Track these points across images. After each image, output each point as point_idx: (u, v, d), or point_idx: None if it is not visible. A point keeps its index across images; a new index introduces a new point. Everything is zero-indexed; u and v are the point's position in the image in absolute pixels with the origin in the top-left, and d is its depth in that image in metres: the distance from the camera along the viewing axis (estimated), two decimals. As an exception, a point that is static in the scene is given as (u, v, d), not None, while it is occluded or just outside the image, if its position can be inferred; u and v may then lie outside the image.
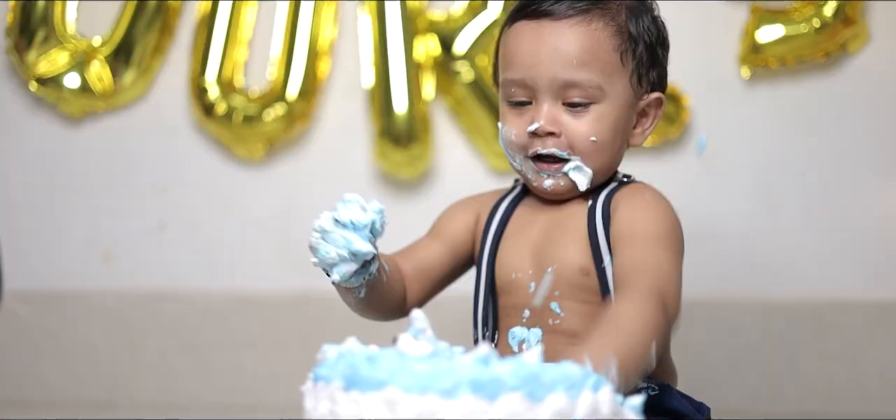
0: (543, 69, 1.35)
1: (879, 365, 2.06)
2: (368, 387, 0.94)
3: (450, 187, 2.11)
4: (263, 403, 2.11)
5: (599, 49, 1.36)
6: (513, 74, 1.38)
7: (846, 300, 2.08)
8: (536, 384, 0.93)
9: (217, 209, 2.20)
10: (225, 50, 2.14)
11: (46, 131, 2.21)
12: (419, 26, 2.11)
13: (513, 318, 1.39)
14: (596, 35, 1.36)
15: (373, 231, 1.27)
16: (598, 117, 1.36)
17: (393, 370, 0.94)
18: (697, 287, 2.07)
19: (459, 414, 0.91)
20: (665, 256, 1.31)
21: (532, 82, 1.36)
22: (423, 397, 0.92)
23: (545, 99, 1.36)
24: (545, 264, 1.37)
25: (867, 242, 2.10)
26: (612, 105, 1.37)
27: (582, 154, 1.36)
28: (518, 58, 1.38)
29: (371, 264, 1.29)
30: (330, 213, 1.26)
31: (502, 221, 1.44)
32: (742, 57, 2.07)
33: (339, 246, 1.25)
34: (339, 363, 0.98)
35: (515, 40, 1.39)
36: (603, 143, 1.37)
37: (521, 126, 1.38)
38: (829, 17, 2.03)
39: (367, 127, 2.15)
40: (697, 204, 2.10)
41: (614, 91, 1.37)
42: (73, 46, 2.15)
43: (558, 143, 1.36)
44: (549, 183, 1.38)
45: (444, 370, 0.93)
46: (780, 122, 2.11)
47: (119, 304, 2.19)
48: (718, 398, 2.05)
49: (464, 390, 0.92)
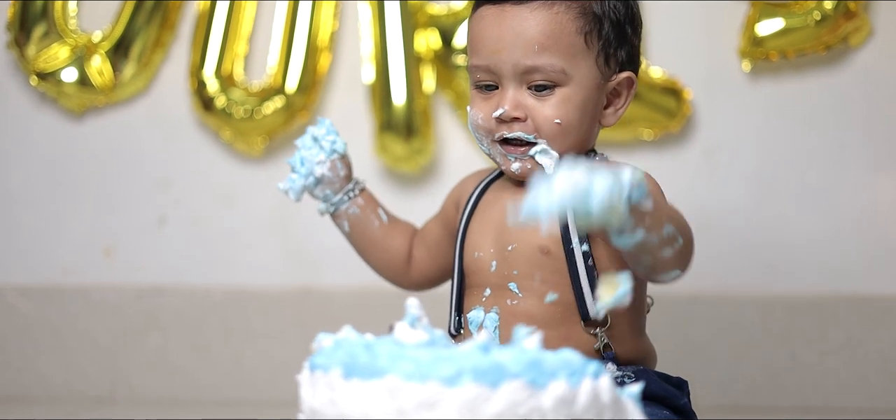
0: (506, 55, 1.36)
1: (880, 359, 2.06)
2: (369, 375, 0.94)
3: (452, 181, 2.07)
4: (264, 397, 2.12)
5: (562, 32, 1.36)
6: (478, 60, 1.39)
7: (847, 294, 2.08)
8: (538, 371, 0.93)
9: (217, 204, 2.21)
10: (224, 44, 2.14)
11: (47, 126, 2.22)
12: (419, 20, 2.11)
13: (475, 297, 1.41)
14: (558, 18, 1.36)
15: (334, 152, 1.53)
16: (563, 100, 1.36)
17: (393, 358, 0.94)
18: (698, 281, 2.07)
19: (461, 401, 0.91)
20: (668, 206, 1.34)
21: (496, 68, 1.37)
22: (425, 385, 0.91)
23: (509, 84, 1.37)
24: (506, 243, 1.38)
25: (868, 236, 2.10)
26: (578, 87, 1.37)
27: (548, 137, 1.37)
28: (482, 43, 1.39)
29: (328, 188, 1.55)
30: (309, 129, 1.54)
31: (474, 203, 1.46)
32: (743, 50, 2.07)
33: (291, 160, 1.53)
34: (336, 352, 0.98)
35: (479, 25, 1.40)
36: (569, 126, 1.37)
37: (487, 110, 1.39)
38: (830, 11, 2.02)
39: (368, 121, 2.15)
40: (698, 197, 2.11)
41: (579, 73, 1.37)
42: (74, 41, 2.16)
43: (524, 127, 1.37)
44: (517, 166, 1.39)
45: (445, 357, 0.93)
46: (780, 116, 2.11)
47: (120, 298, 2.19)
48: (720, 392, 2.08)
49: (466, 378, 0.91)
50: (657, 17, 2.09)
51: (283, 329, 2.15)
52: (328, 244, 2.15)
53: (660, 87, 2.07)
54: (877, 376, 2.06)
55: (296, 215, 2.17)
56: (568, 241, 1.35)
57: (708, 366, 2.08)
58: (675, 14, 2.12)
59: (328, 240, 2.15)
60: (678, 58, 2.11)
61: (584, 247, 1.34)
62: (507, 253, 1.37)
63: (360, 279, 2.12)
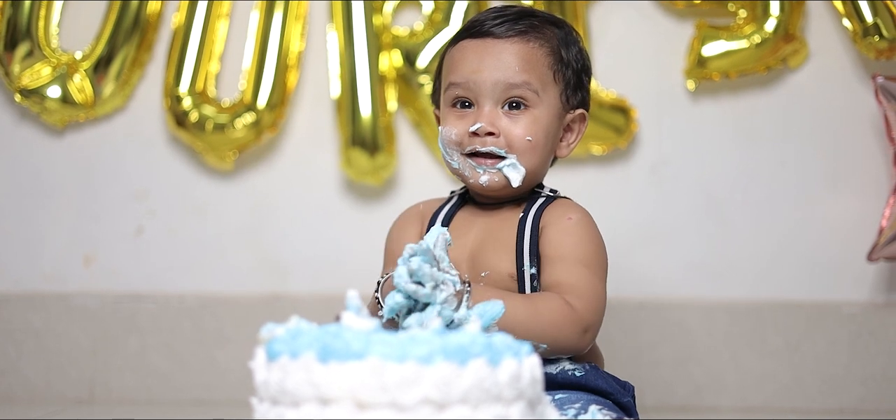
0: (487, 75, 1.50)
1: (816, 362, 2.13)
2: (347, 357, 1.00)
3: (412, 194, 2.15)
4: (235, 397, 2.15)
5: (537, 62, 1.51)
6: (458, 78, 1.52)
7: (786, 301, 2.16)
8: (493, 351, 1.03)
9: (191, 215, 2.25)
10: (198, 62, 2.20)
11: (30, 140, 2.26)
12: (384, 41, 2.19)
13: None
14: (534, 51, 1.52)
15: None
16: (534, 120, 1.51)
17: (367, 341, 1.01)
18: (646, 288, 2.16)
19: (437, 377, 1.00)
20: (587, 276, 1.46)
21: (475, 86, 1.51)
22: (403, 365, 0.99)
23: (486, 102, 1.51)
24: (479, 269, 1.50)
25: (805, 247, 2.17)
26: (546, 110, 1.52)
27: (518, 152, 1.50)
28: (463, 64, 1.52)
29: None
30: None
31: None
32: (687, 71, 2.15)
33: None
34: (297, 339, 1.03)
35: (461, 52, 1.54)
36: (537, 144, 1.51)
37: (462, 126, 1.51)
38: (770, 34, 2.10)
39: (334, 136, 2.22)
40: (645, 210, 2.19)
41: (548, 99, 1.52)
42: (56, 60, 2.21)
43: (497, 142, 1.50)
44: (485, 179, 1.51)
45: (418, 339, 1.02)
46: (724, 133, 2.18)
47: (99, 304, 2.23)
48: (666, 392, 2.14)
49: (438, 357, 1.00)
50: (607, 38, 2.17)
51: (253, 333, 2.07)
52: (296, 254, 2.23)
53: (609, 106, 2.15)
54: (812, 378, 2.13)
55: (265, 226, 2.23)
56: (521, 264, 1.48)
57: (654, 367, 2.14)
58: (623, 35, 2.20)
59: (296, 250, 2.23)
60: (627, 77, 2.18)
61: (532, 270, 1.47)
62: (481, 278, 1.49)
63: (325, 286, 2.20)
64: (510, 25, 1.52)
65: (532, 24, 1.53)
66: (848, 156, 2.16)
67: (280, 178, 2.25)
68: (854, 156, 2.15)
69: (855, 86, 2.14)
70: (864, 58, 2.13)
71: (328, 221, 2.23)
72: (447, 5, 2.17)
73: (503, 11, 1.55)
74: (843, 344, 2.13)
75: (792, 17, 2.11)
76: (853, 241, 2.13)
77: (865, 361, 2.12)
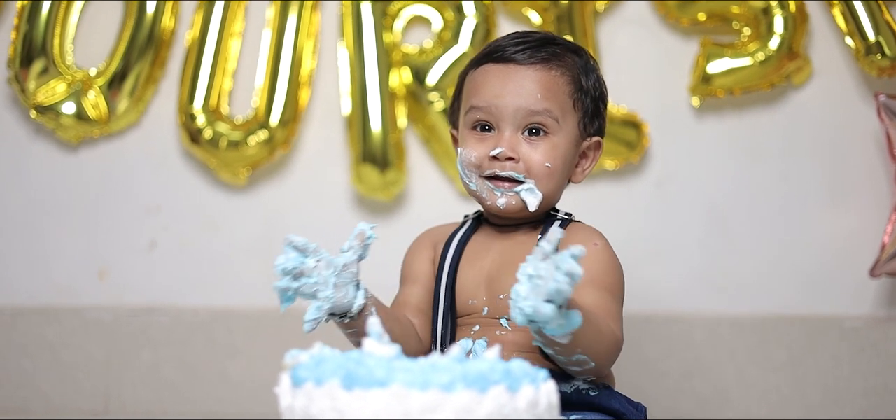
0: (509, 100, 1.53)
1: (819, 375, 2.15)
2: (371, 384, 1.02)
3: (422, 210, 2.22)
4: (247, 410, 2.18)
5: (558, 90, 1.54)
6: (479, 102, 1.55)
7: (789, 315, 2.18)
8: (512, 378, 1.06)
9: (204, 229, 2.28)
10: (211, 80, 2.23)
11: (45, 156, 2.28)
12: (394, 59, 2.22)
13: (464, 332, 1.56)
14: (556, 79, 1.55)
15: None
16: (553, 146, 1.54)
17: (390, 369, 1.03)
18: (652, 303, 2.18)
19: (458, 404, 1.02)
20: (614, 304, 1.50)
21: (497, 111, 1.53)
22: (426, 392, 1.02)
23: (507, 127, 1.53)
24: (497, 292, 1.53)
25: (808, 262, 2.19)
26: (565, 138, 1.54)
27: (536, 178, 1.53)
28: (486, 88, 1.55)
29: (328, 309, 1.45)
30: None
31: (457, 252, 1.59)
32: (692, 88, 2.18)
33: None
34: (321, 366, 1.06)
35: (483, 76, 1.57)
36: (554, 170, 1.54)
37: (482, 150, 1.54)
38: (774, 51, 2.13)
39: (345, 152, 2.24)
40: (652, 224, 2.22)
41: (567, 127, 1.55)
42: (71, 77, 2.24)
43: (516, 167, 1.53)
44: (503, 201, 1.54)
45: (439, 367, 1.05)
46: (728, 149, 2.21)
47: (113, 318, 2.25)
48: (672, 405, 2.16)
49: (460, 384, 1.03)
50: (613, 54, 2.20)
51: (264, 347, 2.22)
52: (307, 268, 2.25)
53: (620, 121, 2.18)
54: (815, 391, 2.16)
55: (277, 241, 2.19)
56: None
57: (660, 381, 2.17)
58: (634, 53, 2.23)
59: (307, 264, 2.25)
60: (637, 94, 2.21)
61: None
62: (499, 300, 1.52)
63: (336, 300, 2.22)
64: (533, 52, 1.55)
65: (554, 52, 1.56)
66: (850, 172, 2.18)
67: (292, 194, 2.27)
68: (856, 173, 2.18)
69: (857, 104, 2.17)
70: (867, 76, 2.15)
71: (339, 236, 2.20)
72: (456, 23, 2.20)
73: (525, 37, 1.58)
74: (845, 357, 2.15)
75: (795, 36, 2.13)
76: (855, 256, 2.15)
77: (867, 375, 2.14)
